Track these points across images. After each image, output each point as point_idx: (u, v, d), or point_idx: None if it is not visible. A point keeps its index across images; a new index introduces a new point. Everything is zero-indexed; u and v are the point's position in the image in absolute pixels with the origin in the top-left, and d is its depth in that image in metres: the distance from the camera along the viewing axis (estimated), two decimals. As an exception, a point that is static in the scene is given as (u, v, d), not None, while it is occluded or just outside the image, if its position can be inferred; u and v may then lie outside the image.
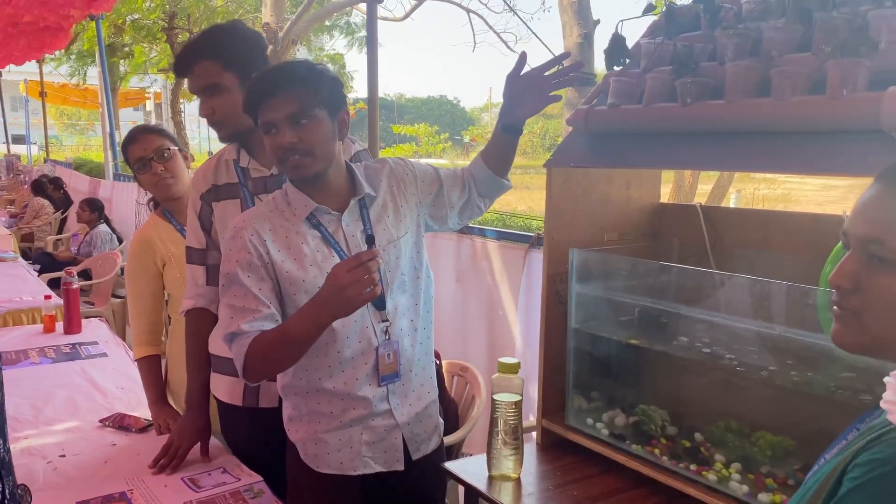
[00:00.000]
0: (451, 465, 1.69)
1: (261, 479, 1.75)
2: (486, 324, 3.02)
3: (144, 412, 2.13)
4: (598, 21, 6.82)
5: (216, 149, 1.93)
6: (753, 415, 1.47)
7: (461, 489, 1.68)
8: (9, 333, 3.15)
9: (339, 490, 1.56)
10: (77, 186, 9.59)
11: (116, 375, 2.57)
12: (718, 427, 1.49)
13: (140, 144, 2.11)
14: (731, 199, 10.18)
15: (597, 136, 1.63)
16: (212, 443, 1.89)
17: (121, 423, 2.10)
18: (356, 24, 15.45)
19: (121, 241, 6.14)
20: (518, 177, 1.92)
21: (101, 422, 2.13)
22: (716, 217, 1.78)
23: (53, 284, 4.51)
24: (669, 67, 1.49)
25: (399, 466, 1.58)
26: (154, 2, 12.57)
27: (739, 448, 1.44)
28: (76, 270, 3.59)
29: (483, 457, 1.62)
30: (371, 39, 3.35)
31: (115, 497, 1.68)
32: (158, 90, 23.64)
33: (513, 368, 1.58)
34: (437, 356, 1.75)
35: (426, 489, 1.68)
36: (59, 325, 3.19)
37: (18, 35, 5.81)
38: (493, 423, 1.58)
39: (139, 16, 13.25)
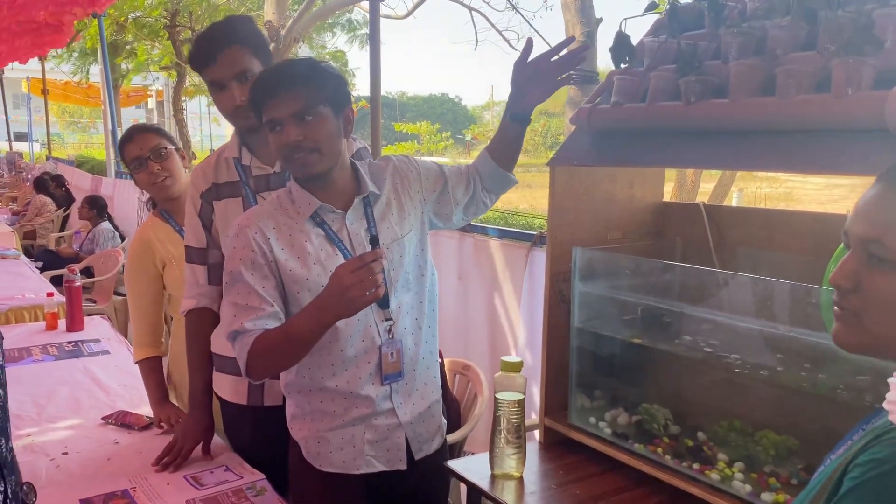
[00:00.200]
0: (454, 464, 1.69)
1: (263, 477, 1.75)
2: (488, 322, 3.02)
3: (147, 410, 2.14)
4: (601, 19, 6.79)
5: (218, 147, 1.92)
6: (756, 414, 1.46)
7: (463, 488, 1.68)
8: (11, 331, 3.15)
9: (342, 489, 1.56)
10: (79, 184, 9.58)
11: (119, 373, 2.57)
12: (721, 426, 1.48)
13: (137, 143, 2.08)
14: (734, 198, 10.17)
15: (600, 135, 1.63)
16: (214, 441, 1.90)
17: (123, 421, 2.11)
18: (357, 21, 15.45)
19: (123, 239, 6.14)
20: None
21: (104, 419, 2.13)
22: (719, 216, 1.77)
23: (56, 282, 4.51)
24: (673, 66, 1.48)
25: (402, 466, 1.58)
26: (156, -1, 12.58)
27: (742, 447, 1.43)
28: (78, 268, 3.60)
29: (485, 455, 1.62)
30: (374, 37, 3.33)
31: (118, 494, 1.68)
32: (160, 88, 23.65)
33: (515, 367, 1.58)
34: (440, 354, 1.75)
35: (429, 489, 1.68)
36: (62, 323, 3.19)
37: (21, 32, 5.81)
38: (496, 422, 1.58)
39: (141, 13, 13.25)
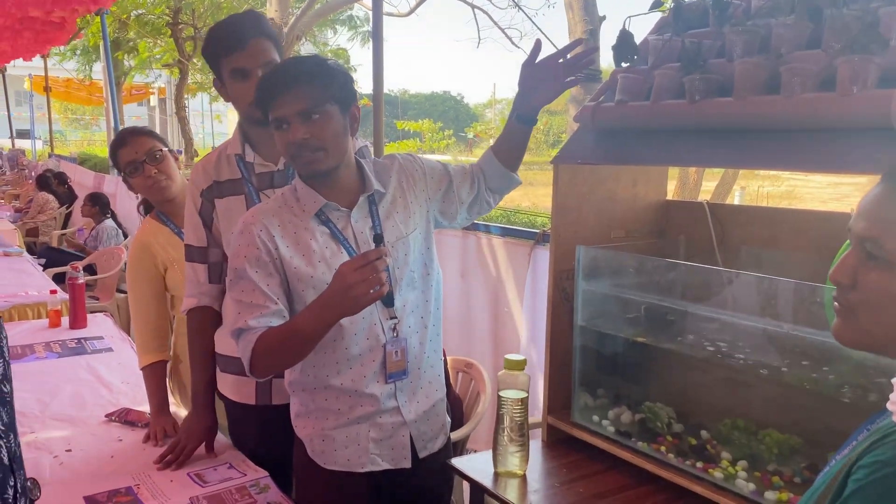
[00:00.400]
0: (457, 462, 1.69)
1: (266, 475, 1.76)
2: (491, 320, 3.02)
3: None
4: (604, 17, 6.76)
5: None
6: (760, 412, 1.46)
7: (466, 485, 1.68)
8: (14, 328, 3.15)
9: (346, 487, 1.56)
10: (82, 181, 9.59)
11: (122, 370, 2.58)
12: (725, 424, 1.48)
13: (131, 147, 2.06)
14: (736, 196, 10.16)
15: (604, 133, 1.63)
16: (218, 438, 1.90)
17: (126, 418, 2.11)
18: (359, 18, 15.46)
19: (126, 236, 6.14)
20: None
21: (107, 416, 2.14)
22: (722, 214, 1.77)
23: (58, 279, 4.52)
24: (677, 64, 1.48)
25: (406, 464, 1.58)
26: (158, -3, 12.60)
27: (746, 446, 1.43)
28: (81, 265, 3.60)
29: (488, 453, 1.63)
30: (376, 35, 3.32)
31: (122, 491, 1.68)
32: (163, 85, 23.66)
33: (519, 365, 1.58)
34: (443, 352, 1.75)
35: (433, 487, 1.68)
36: (65, 320, 3.19)
37: (24, 30, 5.82)
38: (499, 420, 1.58)
39: (144, 11, 13.26)
